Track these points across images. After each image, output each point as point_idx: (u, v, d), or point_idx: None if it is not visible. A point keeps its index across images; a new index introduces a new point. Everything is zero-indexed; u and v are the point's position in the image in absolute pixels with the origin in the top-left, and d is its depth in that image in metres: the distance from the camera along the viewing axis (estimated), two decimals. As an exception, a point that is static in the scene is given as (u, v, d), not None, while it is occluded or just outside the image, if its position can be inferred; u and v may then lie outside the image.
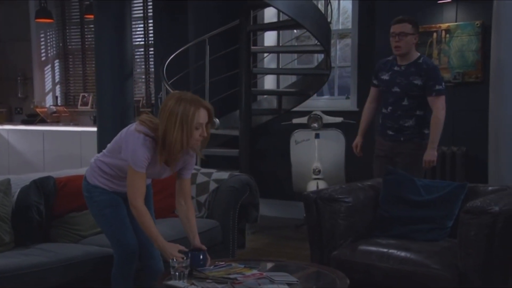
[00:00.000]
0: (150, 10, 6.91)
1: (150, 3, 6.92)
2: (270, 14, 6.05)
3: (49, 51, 7.82)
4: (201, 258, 2.53)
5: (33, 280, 2.68)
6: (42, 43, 7.78)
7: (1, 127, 7.49)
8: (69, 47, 7.77)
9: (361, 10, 5.55)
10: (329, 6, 5.43)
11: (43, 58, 7.80)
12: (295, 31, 6.11)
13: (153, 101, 6.83)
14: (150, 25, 6.93)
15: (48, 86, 7.84)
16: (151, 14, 6.90)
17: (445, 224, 3.08)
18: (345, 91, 5.96)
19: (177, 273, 2.39)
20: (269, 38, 6.17)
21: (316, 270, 2.70)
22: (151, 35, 6.93)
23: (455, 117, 4.86)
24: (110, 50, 5.17)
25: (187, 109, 2.50)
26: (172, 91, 4.57)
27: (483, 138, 4.44)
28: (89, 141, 6.32)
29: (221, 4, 5.76)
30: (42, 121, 7.38)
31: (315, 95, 5.78)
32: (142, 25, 7.08)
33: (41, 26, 7.65)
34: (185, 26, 5.99)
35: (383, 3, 5.23)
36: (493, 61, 4.21)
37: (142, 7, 7.04)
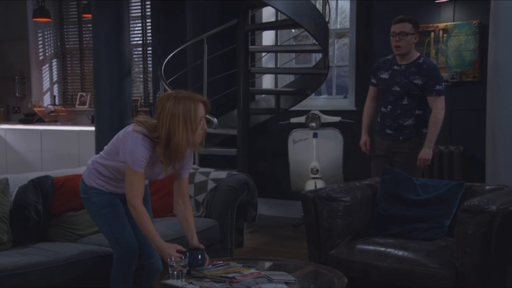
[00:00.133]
0: (148, 10, 6.91)
1: (148, 3, 6.91)
2: (268, 14, 6.05)
3: (47, 50, 7.81)
4: (199, 257, 2.53)
5: (31, 279, 2.67)
6: (40, 42, 7.76)
7: (-1, 126, 7.49)
8: (67, 46, 7.76)
9: (359, 9, 5.55)
10: (327, 5, 5.44)
11: (41, 57, 7.78)
12: (293, 30, 6.10)
13: (151, 101, 6.83)
14: (148, 24, 6.93)
15: (46, 85, 7.82)
16: (149, 14, 6.90)
17: (442, 223, 3.09)
18: (343, 91, 5.96)
19: (175, 273, 2.39)
20: (267, 38, 6.17)
21: (314, 269, 2.70)
22: (149, 34, 6.93)
23: (453, 116, 4.88)
24: (108, 50, 5.15)
25: (187, 107, 2.51)
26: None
27: (481, 137, 4.45)
28: (87, 141, 6.31)
29: (219, 4, 5.76)
30: (40, 121, 7.36)
31: (313, 94, 5.78)
32: (140, 25, 7.07)
33: (39, 25, 7.63)
34: (183, 25, 5.98)
35: (380, 3, 5.24)
36: (490, 60, 4.21)
37: (140, 7, 7.03)
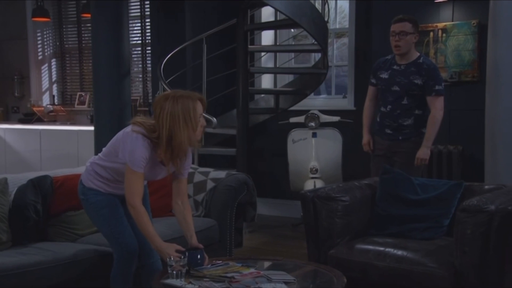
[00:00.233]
0: (147, 9, 6.91)
1: (147, 2, 6.91)
2: (267, 13, 6.05)
3: (45, 50, 7.80)
4: (199, 257, 2.53)
5: (31, 279, 2.67)
6: (39, 42, 7.75)
7: (-3, 126, 7.48)
8: (66, 46, 7.75)
9: (358, 9, 5.55)
10: (326, 5, 5.44)
11: (40, 57, 7.78)
12: (292, 30, 6.11)
13: (150, 100, 6.83)
14: (147, 24, 6.93)
15: (45, 85, 7.82)
16: (148, 13, 6.89)
17: (441, 223, 3.09)
18: (342, 90, 5.96)
19: (174, 272, 2.39)
20: (266, 37, 6.17)
21: (313, 268, 2.70)
22: (148, 34, 6.93)
23: (452, 116, 4.88)
24: (107, 49, 5.15)
25: (186, 105, 2.52)
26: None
27: (480, 137, 4.45)
28: (86, 140, 6.31)
29: (218, 3, 5.76)
30: (39, 120, 7.36)
31: (312, 94, 5.79)
32: (139, 24, 7.07)
33: (38, 25, 7.63)
34: (182, 25, 5.98)
35: (380, 3, 5.24)
36: (489, 60, 4.22)
37: (139, 6, 7.03)
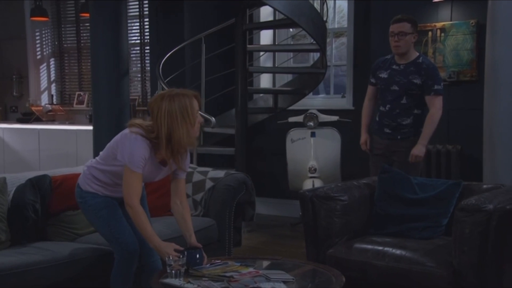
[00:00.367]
0: (146, 9, 6.91)
1: (145, 2, 6.91)
2: (266, 13, 6.05)
3: (44, 50, 7.80)
4: (197, 256, 2.53)
5: (30, 278, 2.67)
6: (38, 41, 7.75)
7: (-4, 125, 7.48)
8: (65, 45, 7.75)
9: (356, 9, 5.55)
10: (325, 5, 5.44)
11: (39, 57, 7.77)
12: (291, 29, 6.11)
13: (149, 100, 6.83)
14: (146, 23, 6.93)
15: (44, 84, 7.82)
16: (147, 13, 6.89)
17: (440, 222, 3.10)
18: (341, 90, 5.96)
19: (173, 272, 2.40)
20: (265, 37, 6.17)
21: (312, 268, 2.70)
22: (147, 33, 6.92)
23: (450, 116, 4.88)
24: (105, 49, 5.15)
25: (183, 103, 2.55)
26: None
27: (478, 137, 4.46)
28: (85, 140, 6.31)
29: (217, 3, 5.75)
30: (38, 120, 7.35)
31: (311, 93, 5.79)
32: (138, 24, 7.06)
33: (37, 25, 7.63)
34: (181, 24, 5.98)
35: (378, 2, 5.25)
36: (487, 60, 4.22)
37: (138, 6, 7.02)
